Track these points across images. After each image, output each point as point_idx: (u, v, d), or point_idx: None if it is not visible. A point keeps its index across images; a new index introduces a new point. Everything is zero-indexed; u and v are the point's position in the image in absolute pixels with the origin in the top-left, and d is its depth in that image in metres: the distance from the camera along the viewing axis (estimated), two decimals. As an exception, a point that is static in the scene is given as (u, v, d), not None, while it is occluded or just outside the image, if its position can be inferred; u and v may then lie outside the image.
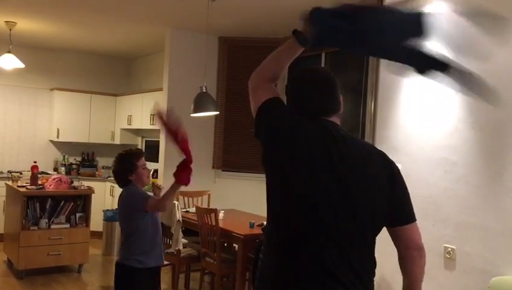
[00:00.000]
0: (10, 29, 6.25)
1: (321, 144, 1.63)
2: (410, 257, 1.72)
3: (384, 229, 1.73)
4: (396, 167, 1.72)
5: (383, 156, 1.72)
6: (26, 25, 6.26)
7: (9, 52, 6.34)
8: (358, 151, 1.66)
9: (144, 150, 8.05)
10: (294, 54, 1.79)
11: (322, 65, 5.50)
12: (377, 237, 1.70)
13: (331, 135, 1.65)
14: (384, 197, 1.65)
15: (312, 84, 1.76)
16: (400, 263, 1.76)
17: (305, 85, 1.77)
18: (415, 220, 1.72)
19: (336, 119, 1.75)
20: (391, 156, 1.75)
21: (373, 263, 1.68)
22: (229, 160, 6.47)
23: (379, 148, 1.79)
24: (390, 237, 1.75)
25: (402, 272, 1.76)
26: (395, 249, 1.75)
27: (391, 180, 1.68)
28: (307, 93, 1.76)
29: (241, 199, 6.03)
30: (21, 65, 6.47)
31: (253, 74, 1.82)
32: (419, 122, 3.83)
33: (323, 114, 1.73)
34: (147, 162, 3.31)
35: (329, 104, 1.76)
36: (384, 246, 1.77)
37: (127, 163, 3.16)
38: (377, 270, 1.71)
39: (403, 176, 1.74)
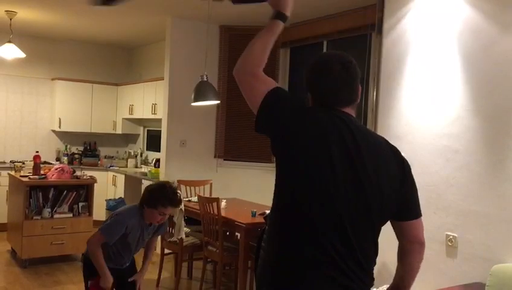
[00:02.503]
0: (11, 19, 6.23)
1: (338, 137, 1.61)
2: (412, 251, 1.78)
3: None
4: (408, 164, 1.72)
5: (395, 153, 1.71)
6: (26, 14, 6.23)
7: (9, 42, 6.32)
8: (372, 146, 1.65)
9: (145, 139, 8.07)
10: (277, 35, 1.77)
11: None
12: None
13: (348, 129, 1.63)
14: (394, 192, 1.66)
15: (332, 74, 1.69)
16: (399, 255, 1.81)
17: (324, 75, 1.71)
18: (421, 215, 1.75)
19: (351, 111, 1.72)
20: (393, 144, 1.75)
21: (375, 253, 1.69)
22: (231, 149, 6.47)
23: (385, 140, 1.76)
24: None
25: (399, 262, 1.82)
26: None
27: (402, 177, 1.68)
28: (328, 82, 1.70)
29: (243, 188, 6.04)
30: (22, 55, 6.46)
31: (242, 64, 1.71)
32: (421, 111, 3.82)
33: (340, 106, 1.70)
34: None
35: (347, 96, 1.71)
36: (386, 234, 1.78)
37: (152, 199, 3.14)
38: (379, 258, 1.73)
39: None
